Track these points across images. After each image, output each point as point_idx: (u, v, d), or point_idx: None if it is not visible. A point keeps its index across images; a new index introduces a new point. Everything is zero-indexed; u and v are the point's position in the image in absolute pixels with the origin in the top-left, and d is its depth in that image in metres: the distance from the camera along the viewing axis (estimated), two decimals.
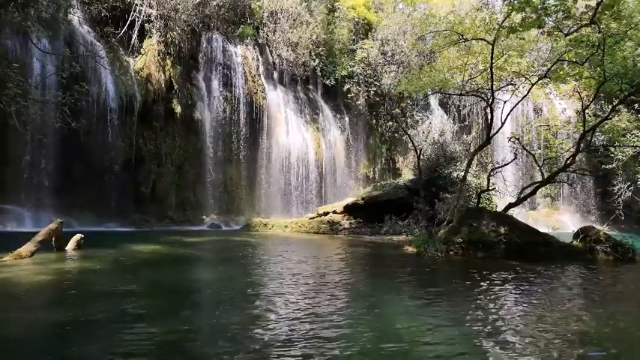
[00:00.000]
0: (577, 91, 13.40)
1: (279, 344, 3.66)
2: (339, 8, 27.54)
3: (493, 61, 11.56)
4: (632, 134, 16.03)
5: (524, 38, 11.90)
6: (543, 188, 17.63)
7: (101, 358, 3.36)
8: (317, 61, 25.73)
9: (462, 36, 12.02)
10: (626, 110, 18.40)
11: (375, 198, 18.20)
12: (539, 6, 10.02)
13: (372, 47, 26.84)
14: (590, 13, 9.90)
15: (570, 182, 20.09)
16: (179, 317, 4.48)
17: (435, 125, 24.90)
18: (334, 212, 18.51)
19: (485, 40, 11.93)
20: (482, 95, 14.20)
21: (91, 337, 3.82)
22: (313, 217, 18.83)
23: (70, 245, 9.03)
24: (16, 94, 11.31)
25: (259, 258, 9.90)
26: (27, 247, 7.89)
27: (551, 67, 12.34)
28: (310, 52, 25.35)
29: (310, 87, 26.97)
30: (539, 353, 3.61)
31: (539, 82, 12.79)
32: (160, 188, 19.92)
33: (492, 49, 11.33)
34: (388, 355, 3.49)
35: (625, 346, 4.01)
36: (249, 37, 24.17)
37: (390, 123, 27.13)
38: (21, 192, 15.73)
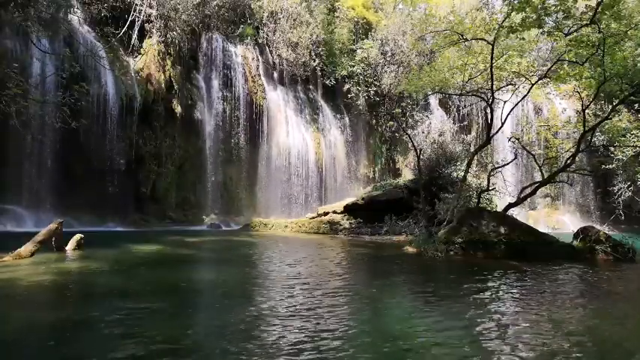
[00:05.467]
0: (577, 91, 13.37)
1: (279, 344, 3.66)
2: (339, 8, 27.56)
3: (493, 61, 11.55)
4: (632, 134, 16.02)
5: (524, 38, 11.89)
6: (543, 188, 17.61)
7: (101, 359, 3.36)
8: (317, 61, 25.73)
9: (462, 36, 12.02)
10: (626, 110, 18.39)
11: (375, 198, 18.20)
12: (539, 6, 10.02)
13: (372, 47, 26.84)
14: (590, 13, 9.89)
15: (570, 182, 20.07)
16: (179, 317, 4.48)
17: (434, 125, 24.88)
18: (334, 212, 18.51)
19: (485, 40, 11.92)
20: (482, 95, 14.19)
21: (91, 337, 3.82)
22: (313, 217, 18.83)
23: (70, 245, 9.03)
24: (16, 94, 11.30)
25: (259, 258, 9.89)
26: (27, 247, 7.89)
27: (551, 67, 12.33)
28: (310, 52, 25.36)
29: (310, 87, 26.98)
30: (538, 353, 3.61)
31: (539, 82, 12.78)
32: (160, 188, 19.92)
33: (492, 49, 11.33)
34: (388, 355, 3.49)
35: (624, 347, 4.01)
36: (249, 37, 24.18)
37: (390, 123, 27.14)
38: (21, 192, 15.74)
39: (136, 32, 19.76)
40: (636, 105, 19.51)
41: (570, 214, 26.53)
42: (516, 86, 13.73)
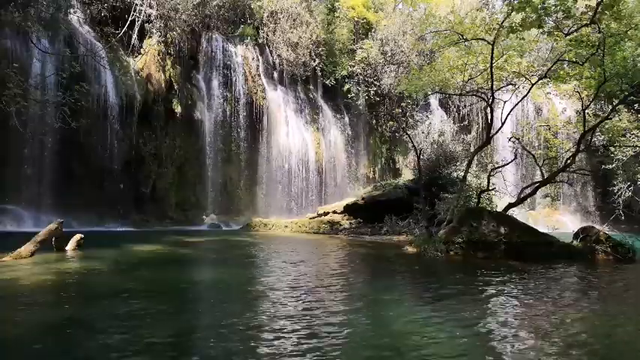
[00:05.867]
0: (577, 91, 13.40)
1: (279, 344, 3.65)
2: (339, 8, 27.54)
3: (493, 61, 11.56)
4: (632, 134, 16.04)
5: (524, 38, 11.91)
6: (543, 188, 17.62)
7: (101, 359, 3.36)
8: (317, 61, 25.71)
9: (462, 36, 12.02)
10: (626, 110, 18.40)
11: (375, 198, 18.20)
12: (539, 6, 10.03)
13: (372, 47, 26.82)
14: (590, 13, 9.91)
15: (570, 182, 20.10)
16: (179, 317, 4.48)
17: (435, 125, 24.87)
18: (334, 212, 18.51)
19: (485, 40, 11.93)
20: (483, 95, 14.21)
21: (90, 337, 3.82)
22: (313, 217, 18.83)
23: (70, 245, 9.02)
24: (16, 94, 11.31)
25: (259, 258, 9.89)
26: (27, 247, 7.89)
27: (551, 67, 12.34)
28: (310, 52, 25.34)
29: (310, 87, 26.97)
30: (538, 354, 3.61)
31: (539, 82, 12.79)
32: (160, 188, 19.92)
33: (492, 49, 11.33)
34: (387, 356, 3.49)
35: (626, 348, 4.01)
36: (249, 37, 24.16)
37: (390, 123, 27.13)
38: (21, 192, 15.71)
39: (136, 32, 19.75)
40: (636, 105, 19.52)
41: (570, 214, 26.50)
42: (516, 86, 13.74)
